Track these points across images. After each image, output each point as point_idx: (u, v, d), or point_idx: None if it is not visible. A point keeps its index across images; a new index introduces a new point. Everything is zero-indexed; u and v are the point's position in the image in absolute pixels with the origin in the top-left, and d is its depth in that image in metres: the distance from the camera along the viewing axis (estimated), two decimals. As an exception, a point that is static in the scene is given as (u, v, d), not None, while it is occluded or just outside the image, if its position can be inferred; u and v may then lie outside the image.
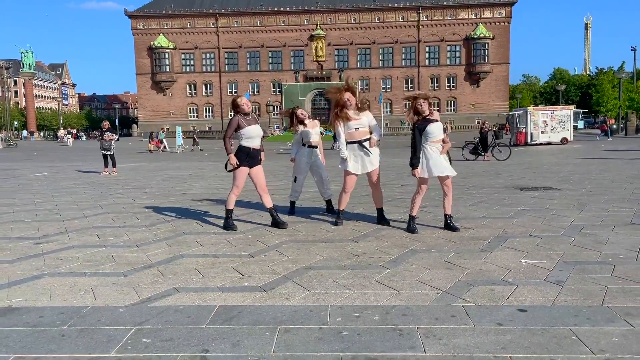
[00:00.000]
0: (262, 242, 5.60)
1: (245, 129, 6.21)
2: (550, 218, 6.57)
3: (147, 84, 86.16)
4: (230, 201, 6.40)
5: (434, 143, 5.85)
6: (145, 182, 12.62)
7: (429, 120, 5.86)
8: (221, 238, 5.82)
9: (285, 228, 6.23)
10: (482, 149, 19.17)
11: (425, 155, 5.88)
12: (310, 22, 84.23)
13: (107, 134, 15.84)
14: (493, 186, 10.31)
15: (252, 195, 9.08)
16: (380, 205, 6.44)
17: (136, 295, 3.91)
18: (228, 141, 6.36)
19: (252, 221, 6.83)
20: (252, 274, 4.40)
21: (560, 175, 12.35)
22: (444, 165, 5.86)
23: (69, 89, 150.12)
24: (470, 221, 6.49)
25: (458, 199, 8.45)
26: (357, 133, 6.13)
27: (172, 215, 7.36)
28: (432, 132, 5.84)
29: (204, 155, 28.26)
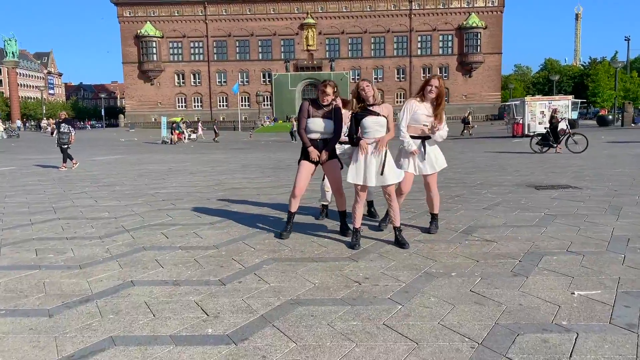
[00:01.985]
0: (238, 261, 4.51)
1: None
2: (584, 227, 5.52)
3: (134, 74, 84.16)
4: (290, 203, 5.48)
5: (367, 139, 4.81)
6: (118, 178, 11.45)
7: (368, 111, 4.81)
8: (188, 255, 4.71)
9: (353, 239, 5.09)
10: (554, 139, 17.33)
11: (354, 157, 4.87)
12: (301, 11, 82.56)
13: (63, 126, 14.40)
14: (503, 184, 9.27)
15: (235, 196, 7.97)
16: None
17: (55, 351, 2.80)
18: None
19: (230, 228, 5.72)
20: (219, 313, 3.31)
21: (571, 170, 11.34)
22: (370, 173, 4.77)
23: (55, 78, 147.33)
24: (490, 231, 5.43)
25: (468, 200, 7.40)
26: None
27: (134, 222, 6.23)
28: (365, 127, 4.79)
29: (216, 147, 27.05)
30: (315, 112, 5.20)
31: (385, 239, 5.21)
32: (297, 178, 5.30)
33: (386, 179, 4.80)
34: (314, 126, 5.21)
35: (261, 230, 5.68)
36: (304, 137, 5.26)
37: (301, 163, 5.32)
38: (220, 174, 12.18)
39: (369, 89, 4.83)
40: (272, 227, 5.82)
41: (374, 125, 4.77)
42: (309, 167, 5.28)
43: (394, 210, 4.94)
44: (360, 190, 4.92)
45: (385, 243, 5.03)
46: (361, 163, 4.80)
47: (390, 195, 4.90)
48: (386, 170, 4.79)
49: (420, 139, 5.24)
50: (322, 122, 5.19)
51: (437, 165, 5.32)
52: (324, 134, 5.23)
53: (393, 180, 4.85)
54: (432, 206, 5.49)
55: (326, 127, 5.21)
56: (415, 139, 5.25)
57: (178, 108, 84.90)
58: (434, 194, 5.44)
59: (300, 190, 5.28)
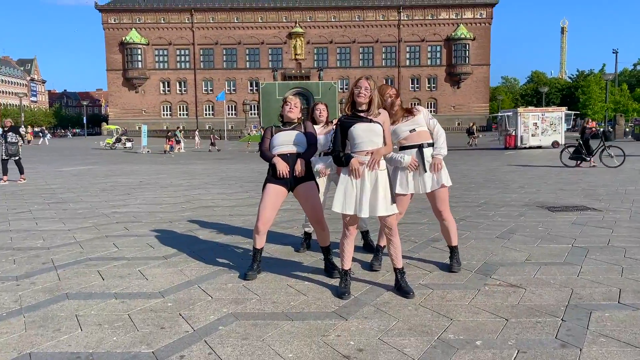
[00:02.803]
0: (187, 318, 3.35)
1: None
2: (628, 266, 4.44)
3: (119, 81, 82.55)
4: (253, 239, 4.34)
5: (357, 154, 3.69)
6: (77, 194, 10.20)
7: (358, 117, 3.71)
8: (121, 308, 3.53)
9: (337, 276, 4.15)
10: (587, 152, 15.90)
11: (341, 178, 3.75)
12: (289, 20, 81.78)
13: (10, 135, 12.88)
14: (510, 203, 8.22)
15: (203, 217, 6.74)
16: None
17: None
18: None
19: (187, 265, 4.55)
20: None
21: (580, 187, 10.34)
22: (363, 199, 3.64)
23: (39, 85, 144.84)
24: (513, 271, 4.32)
25: (476, 226, 6.30)
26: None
27: (69, 255, 5.03)
28: (355, 138, 3.68)
29: (199, 157, 25.77)
30: (279, 130, 4.28)
31: (382, 282, 4.09)
32: (260, 207, 4.16)
33: (385, 208, 3.68)
34: (281, 139, 4.16)
35: (225, 268, 4.52)
36: (266, 153, 4.20)
37: (266, 187, 4.19)
38: (194, 189, 10.99)
39: (366, 92, 3.68)
40: (239, 262, 4.67)
41: (367, 134, 3.66)
42: (276, 192, 4.15)
43: (395, 247, 3.82)
44: (350, 222, 3.79)
45: (383, 288, 3.91)
46: (351, 187, 3.68)
47: (392, 228, 3.78)
48: (384, 196, 3.68)
49: (414, 147, 4.20)
50: (291, 133, 4.17)
51: (443, 178, 4.23)
52: (295, 145, 4.15)
53: (394, 209, 3.74)
54: (449, 237, 4.40)
55: (297, 138, 4.16)
56: (409, 149, 4.20)
57: (163, 116, 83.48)
58: (448, 219, 4.33)
59: (265, 224, 4.15)
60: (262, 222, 4.12)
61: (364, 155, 3.67)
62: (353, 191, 3.67)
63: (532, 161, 18.89)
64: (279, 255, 4.98)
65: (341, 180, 3.74)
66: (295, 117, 4.25)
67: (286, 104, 4.28)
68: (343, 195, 3.69)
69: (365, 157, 3.67)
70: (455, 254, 4.39)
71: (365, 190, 3.64)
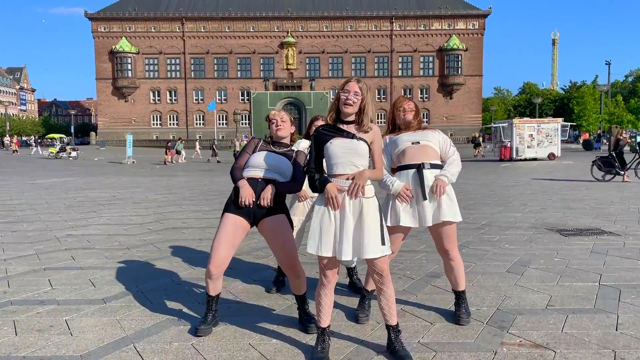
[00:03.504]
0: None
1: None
2: (676, 314, 3.59)
3: (108, 90, 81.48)
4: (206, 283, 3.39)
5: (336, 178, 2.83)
6: (39, 211, 9.26)
7: (339, 131, 2.86)
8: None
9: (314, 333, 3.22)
10: (620, 166, 14.51)
11: (315, 211, 2.87)
12: (281, 29, 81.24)
13: None
14: (515, 225, 7.38)
15: (169, 242, 5.77)
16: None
17: None
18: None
19: (128, 312, 3.65)
20: None
21: (588, 205, 9.54)
22: (344, 237, 2.77)
23: (28, 94, 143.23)
24: (535, 323, 3.45)
25: (480, 255, 5.43)
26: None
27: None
28: (331, 157, 2.83)
29: (184, 168, 24.80)
30: (264, 149, 3.40)
31: (370, 340, 3.21)
32: (214, 244, 3.25)
33: (373, 248, 2.82)
34: (258, 160, 3.29)
35: (175, 317, 3.62)
36: (236, 171, 3.32)
37: (224, 217, 3.30)
38: (169, 205, 10.08)
39: (356, 98, 2.83)
40: (196, 307, 3.78)
41: (346, 153, 2.79)
42: (235, 225, 3.25)
43: (388, 299, 2.94)
44: (327, 266, 2.91)
45: (372, 350, 3.03)
46: (329, 220, 2.81)
47: (383, 275, 2.90)
48: (372, 232, 2.82)
49: (412, 168, 3.35)
50: (276, 157, 3.31)
51: (449, 211, 3.36)
52: (274, 172, 3.28)
53: (386, 250, 2.87)
54: (455, 280, 3.54)
55: (281, 165, 3.30)
56: (405, 170, 3.35)
57: (153, 126, 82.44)
58: (455, 259, 3.47)
59: (219, 266, 3.22)
60: (215, 265, 3.21)
61: (343, 179, 2.82)
62: (331, 226, 2.80)
63: (529, 173, 18.14)
64: (245, 297, 4.09)
65: (316, 212, 2.87)
66: (286, 134, 3.47)
67: (272, 123, 3.47)
68: (318, 231, 2.82)
69: (345, 182, 2.82)
70: (463, 300, 3.53)
71: (347, 225, 2.78)
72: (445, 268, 3.58)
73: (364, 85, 2.91)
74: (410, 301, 3.92)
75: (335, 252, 2.81)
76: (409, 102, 3.54)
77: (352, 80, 2.91)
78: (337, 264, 2.92)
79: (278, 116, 3.45)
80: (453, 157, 3.48)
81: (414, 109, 3.52)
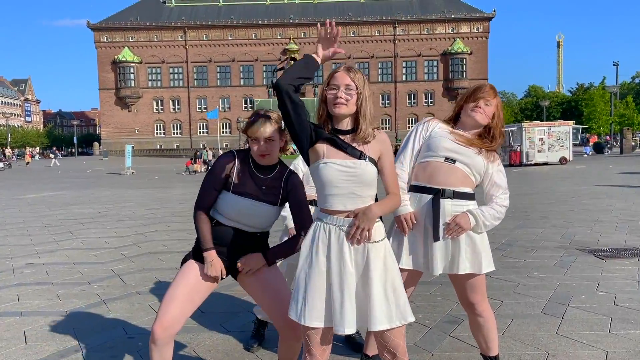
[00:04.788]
0: None
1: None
2: None
3: (111, 100, 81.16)
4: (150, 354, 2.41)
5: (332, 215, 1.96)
6: (9, 232, 8.41)
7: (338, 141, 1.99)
8: None
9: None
10: None
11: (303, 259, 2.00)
12: (284, 36, 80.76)
13: None
14: (540, 244, 6.47)
15: (138, 273, 4.82)
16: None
17: None
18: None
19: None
20: None
21: (615, 216, 8.61)
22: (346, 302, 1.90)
23: (33, 105, 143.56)
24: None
25: (508, 289, 4.52)
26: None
27: None
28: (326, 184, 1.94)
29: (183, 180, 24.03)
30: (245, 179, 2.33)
31: None
32: (167, 294, 2.41)
33: (387, 315, 1.94)
34: (231, 211, 2.34)
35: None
36: (202, 227, 2.39)
37: (186, 264, 2.45)
38: (154, 223, 9.24)
39: (348, 95, 2.00)
40: None
41: (348, 181, 1.92)
42: (198, 277, 2.40)
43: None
44: (316, 341, 1.99)
45: None
46: (320, 275, 1.93)
47: (397, 355, 2.00)
48: (383, 291, 1.94)
49: (430, 192, 2.42)
50: (253, 207, 2.32)
51: (471, 261, 2.47)
52: (251, 227, 2.37)
53: (402, 318, 1.98)
54: (485, 341, 2.62)
55: (259, 217, 2.35)
56: (420, 192, 2.45)
57: (156, 135, 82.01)
58: (485, 315, 2.57)
59: (167, 327, 2.33)
60: (162, 325, 2.32)
61: (342, 217, 1.94)
62: (322, 283, 1.92)
63: (542, 179, 17.19)
64: (213, 357, 3.20)
65: (302, 259, 1.98)
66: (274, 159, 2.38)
67: (253, 142, 2.33)
68: (303, 291, 1.95)
69: (344, 220, 1.94)
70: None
71: (348, 283, 1.90)
72: (471, 325, 2.68)
73: (359, 74, 2.06)
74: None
75: (332, 323, 1.93)
76: (491, 96, 2.50)
77: (340, 70, 2.06)
78: (331, 339, 2.03)
79: (262, 136, 2.30)
80: (499, 202, 2.59)
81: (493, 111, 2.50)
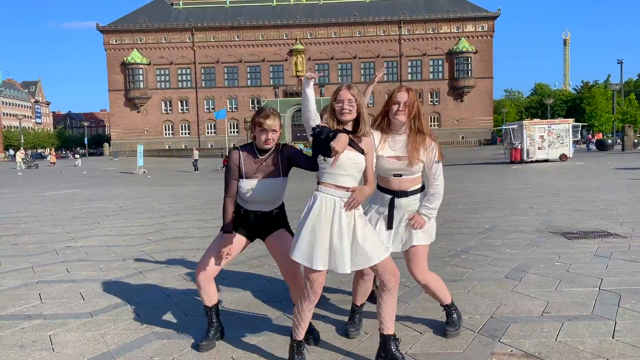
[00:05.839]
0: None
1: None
2: (677, 320, 3.45)
3: (120, 101, 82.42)
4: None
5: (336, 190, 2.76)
6: (42, 222, 9.30)
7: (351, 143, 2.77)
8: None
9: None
10: None
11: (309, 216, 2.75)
12: (290, 37, 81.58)
13: None
14: (520, 228, 7.23)
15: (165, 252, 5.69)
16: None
17: None
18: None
19: (113, 325, 3.59)
20: None
21: (597, 207, 9.34)
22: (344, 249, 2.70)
23: (43, 107, 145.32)
24: (528, 331, 3.34)
25: (480, 260, 5.32)
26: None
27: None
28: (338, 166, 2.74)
29: (195, 177, 24.92)
30: (251, 165, 3.09)
31: (357, 352, 3.12)
32: (207, 250, 3.23)
33: (378, 253, 2.75)
34: (250, 194, 3.09)
35: (160, 328, 3.56)
36: (226, 210, 3.12)
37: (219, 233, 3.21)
38: (172, 214, 10.08)
39: (351, 106, 2.78)
40: (182, 320, 3.72)
41: (352, 167, 2.73)
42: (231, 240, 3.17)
43: (393, 305, 2.86)
44: (318, 280, 2.77)
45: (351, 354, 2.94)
46: (323, 232, 2.69)
47: (396, 274, 2.83)
48: (370, 238, 2.75)
49: (390, 193, 3.18)
50: (265, 186, 3.08)
51: (414, 237, 3.18)
52: (266, 203, 3.17)
53: (384, 253, 2.79)
54: (437, 298, 3.38)
55: (270, 195, 3.13)
56: (384, 193, 3.20)
57: (165, 135, 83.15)
58: (427, 281, 3.25)
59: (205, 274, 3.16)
60: (201, 272, 3.16)
61: (343, 191, 2.72)
62: (326, 238, 2.69)
63: (539, 175, 17.89)
64: (234, 307, 4.01)
65: (312, 221, 2.71)
66: (272, 147, 3.11)
67: (261, 132, 3.02)
68: (309, 243, 2.69)
69: (345, 193, 2.73)
70: (451, 313, 3.39)
71: (344, 238, 2.69)
72: (424, 290, 3.41)
73: (356, 90, 2.84)
74: (402, 310, 3.82)
75: (332, 266, 2.72)
76: (405, 94, 3.16)
77: (343, 88, 2.85)
78: (324, 278, 2.83)
79: (270, 128, 3.00)
80: (437, 186, 3.15)
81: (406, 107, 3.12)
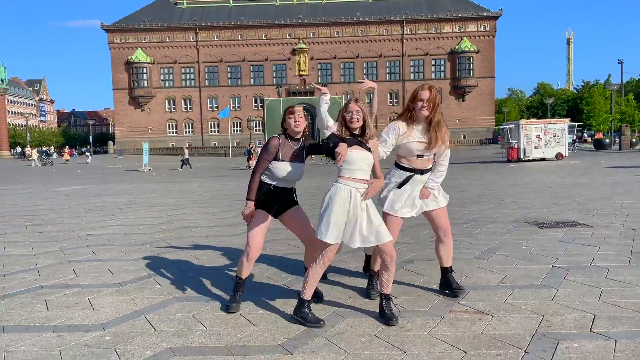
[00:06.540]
0: (120, 354, 3.11)
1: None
2: (607, 288, 4.15)
3: (125, 100, 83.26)
4: (241, 267, 3.96)
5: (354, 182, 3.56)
6: (60, 214, 10.04)
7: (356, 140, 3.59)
8: (55, 342, 3.30)
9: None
10: None
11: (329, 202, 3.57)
12: (293, 36, 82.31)
13: None
14: (499, 219, 7.94)
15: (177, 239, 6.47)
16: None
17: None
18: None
19: (141, 292, 4.32)
20: None
21: (576, 201, 10.04)
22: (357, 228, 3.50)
23: (47, 105, 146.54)
24: (483, 296, 4.06)
25: (457, 245, 6.00)
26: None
27: (22, 283, 4.82)
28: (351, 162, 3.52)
29: (195, 174, 25.68)
30: (288, 150, 3.80)
31: (347, 304, 3.85)
32: (251, 232, 3.89)
33: (384, 235, 3.49)
34: (288, 174, 3.80)
35: (180, 293, 4.29)
36: (254, 182, 3.84)
37: (257, 212, 3.89)
38: (181, 208, 10.80)
39: (358, 116, 3.55)
40: (198, 288, 4.44)
41: (363, 163, 3.52)
42: (264, 219, 3.90)
43: (391, 274, 3.60)
44: (332, 251, 3.59)
45: (340, 316, 3.65)
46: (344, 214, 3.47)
47: (394, 255, 3.57)
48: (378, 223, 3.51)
49: (412, 171, 3.98)
50: (297, 169, 3.82)
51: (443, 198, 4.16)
52: (292, 182, 3.96)
53: (387, 237, 3.52)
54: (444, 258, 4.22)
55: (300, 175, 3.90)
56: (406, 171, 3.99)
57: (169, 134, 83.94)
58: (449, 235, 4.24)
59: (258, 249, 3.89)
60: (256, 248, 3.86)
61: (360, 183, 3.50)
62: (343, 218, 3.46)
63: (533, 174, 18.58)
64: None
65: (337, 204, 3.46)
66: (301, 130, 3.81)
67: (290, 116, 3.77)
68: (331, 224, 3.44)
69: (363, 185, 3.51)
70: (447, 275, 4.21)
71: (360, 219, 3.46)
72: (440, 249, 4.20)
73: (362, 103, 3.64)
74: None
75: (347, 241, 3.49)
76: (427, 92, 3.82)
77: (352, 102, 3.63)
78: (336, 249, 3.60)
79: (297, 113, 3.77)
80: (443, 166, 4.04)
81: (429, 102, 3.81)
